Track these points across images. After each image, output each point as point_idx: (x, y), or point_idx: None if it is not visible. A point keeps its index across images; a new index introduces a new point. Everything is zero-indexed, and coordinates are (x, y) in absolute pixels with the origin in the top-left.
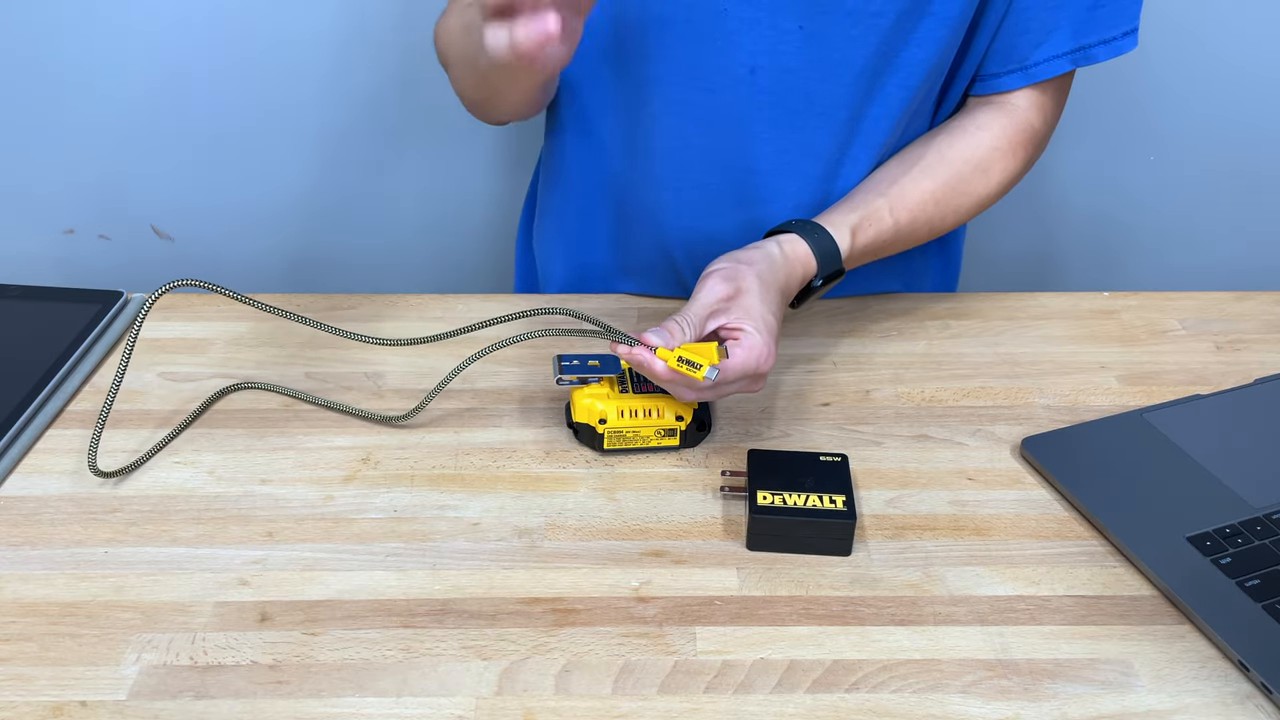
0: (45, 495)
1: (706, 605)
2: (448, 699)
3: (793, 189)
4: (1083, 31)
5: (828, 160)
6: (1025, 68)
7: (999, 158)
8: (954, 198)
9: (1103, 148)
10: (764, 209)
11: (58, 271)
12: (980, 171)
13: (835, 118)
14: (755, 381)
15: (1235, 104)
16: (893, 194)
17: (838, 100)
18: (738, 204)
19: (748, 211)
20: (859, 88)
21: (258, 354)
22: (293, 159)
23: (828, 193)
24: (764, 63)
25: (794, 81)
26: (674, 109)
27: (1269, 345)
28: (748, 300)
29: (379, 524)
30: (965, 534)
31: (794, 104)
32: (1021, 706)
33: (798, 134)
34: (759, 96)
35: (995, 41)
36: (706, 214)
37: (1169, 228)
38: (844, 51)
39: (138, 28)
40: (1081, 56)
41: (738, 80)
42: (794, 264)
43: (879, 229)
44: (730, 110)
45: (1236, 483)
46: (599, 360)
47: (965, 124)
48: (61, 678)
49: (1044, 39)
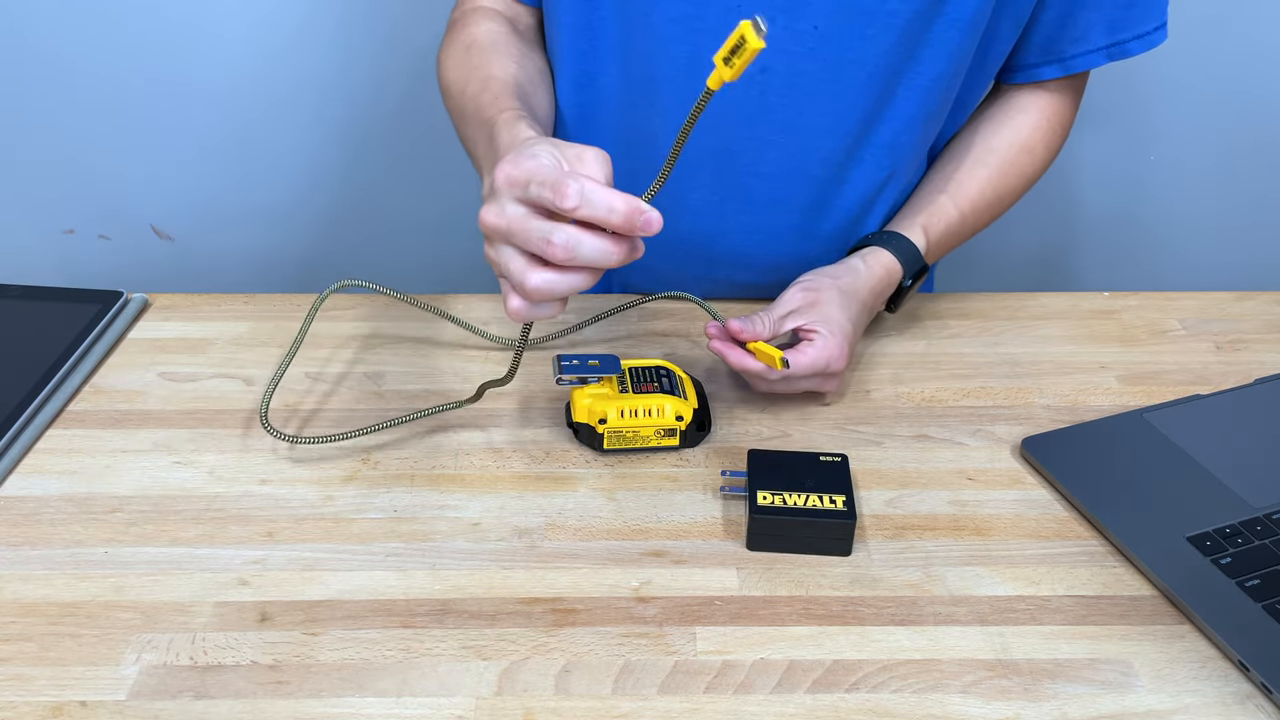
0: (45, 495)
1: (706, 605)
2: (448, 699)
3: (800, 192)
4: (1118, 27)
5: (836, 164)
6: (1062, 60)
7: (1041, 137)
8: (1007, 181)
9: (1104, 149)
10: (770, 213)
11: (58, 271)
12: (1026, 152)
13: (846, 121)
14: (827, 380)
15: (1237, 104)
16: (951, 188)
17: (850, 103)
18: (744, 209)
19: (754, 217)
20: (871, 90)
21: (258, 354)
22: (293, 159)
23: (834, 196)
24: (775, 64)
25: (805, 83)
26: (682, 110)
27: (1269, 345)
28: (825, 307)
29: (379, 524)
30: (965, 534)
31: (804, 106)
32: (1021, 706)
33: (807, 137)
34: (769, 98)
35: (1032, 34)
36: (714, 217)
37: (1170, 228)
38: (858, 51)
39: (138, 28)
40: (1117, 51)
41: (748, 81)
42: (877, 271)
43: (946, 222)
44: (739, 111)
45: (1236, 483)
46: (599, 360)
47: (1004, 110)
48: (61, 678)
49: (1082, 35)
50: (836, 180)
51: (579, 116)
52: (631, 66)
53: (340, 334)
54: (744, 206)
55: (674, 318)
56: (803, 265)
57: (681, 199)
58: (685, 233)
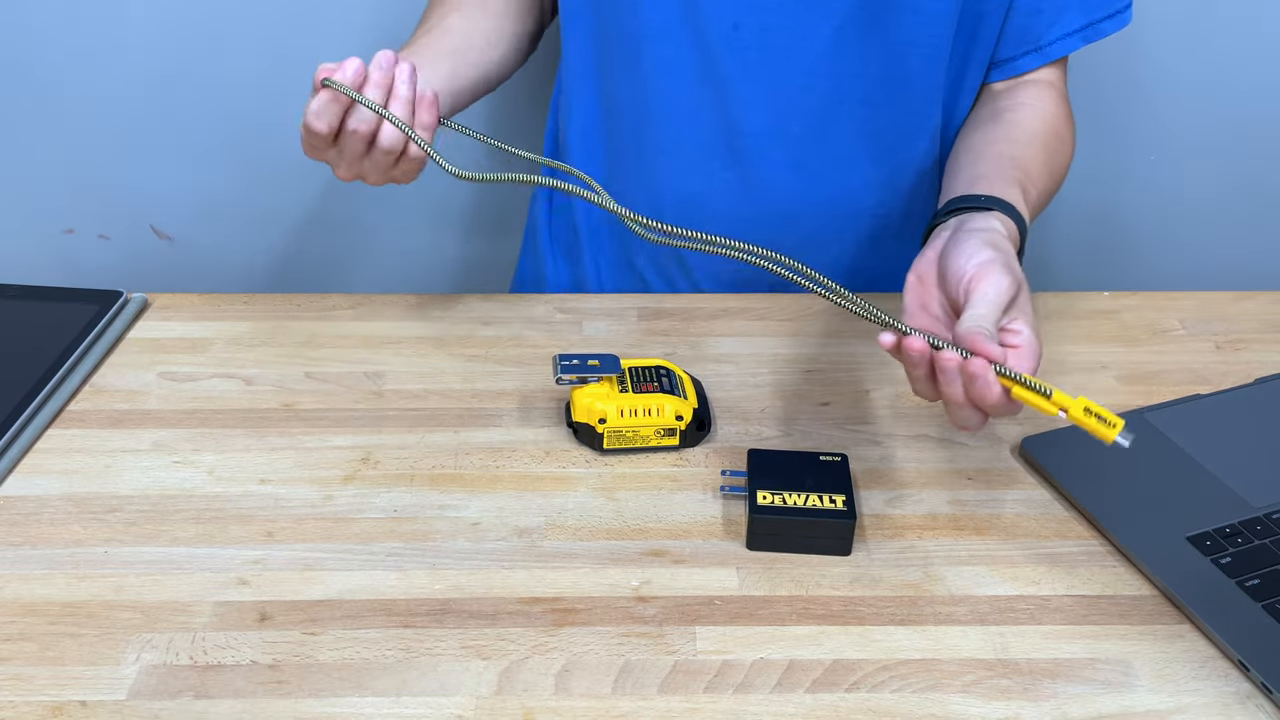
0: (45, 495)
1: (706, 605)
2: (447, 699)
3: (781, 150)
4: (1090, 7)
5: (814, 120)
6: (1040, 48)
7: (1063, 124)
8: (1053, 166)
9: (1104, 148)
10: (754, 171)
11: (58, 271)
12: (1058, 138)
13: (818, 78)
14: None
15: (1237, 104)
16: (1020, 167)
17: (819, 57)
18: (728, 164)
19: (738, 173)
20: (837, 47)
21: (258, 354)
22: (293, 159)
23: (817, 155)
24: (746, 19)
25: (774, 39)
26: (663, 68)
27: (1269, 345)
28: (1025, 293)
29: (379, 524)
30: (965, 534)
31: (777, 62)
32: (1021, 706)
33: (783, 92)
34: (745, 54)
35: (1008, 25)
36: (698, 175)
37: (1170, 228)
38: (822, 8)
39: (138, 27)
40: (1092, 32)
41: (722, 37)
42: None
43: (1026, 197)
44: (717, 69)
45: (1236, 483)
46: (599, 360)
47: (1015, 104)
48: (61, 677)
49: (1056, 18)
50: (817, 137)
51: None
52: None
53: (340, 334)
54: (727, 164)
55: (674, 318)
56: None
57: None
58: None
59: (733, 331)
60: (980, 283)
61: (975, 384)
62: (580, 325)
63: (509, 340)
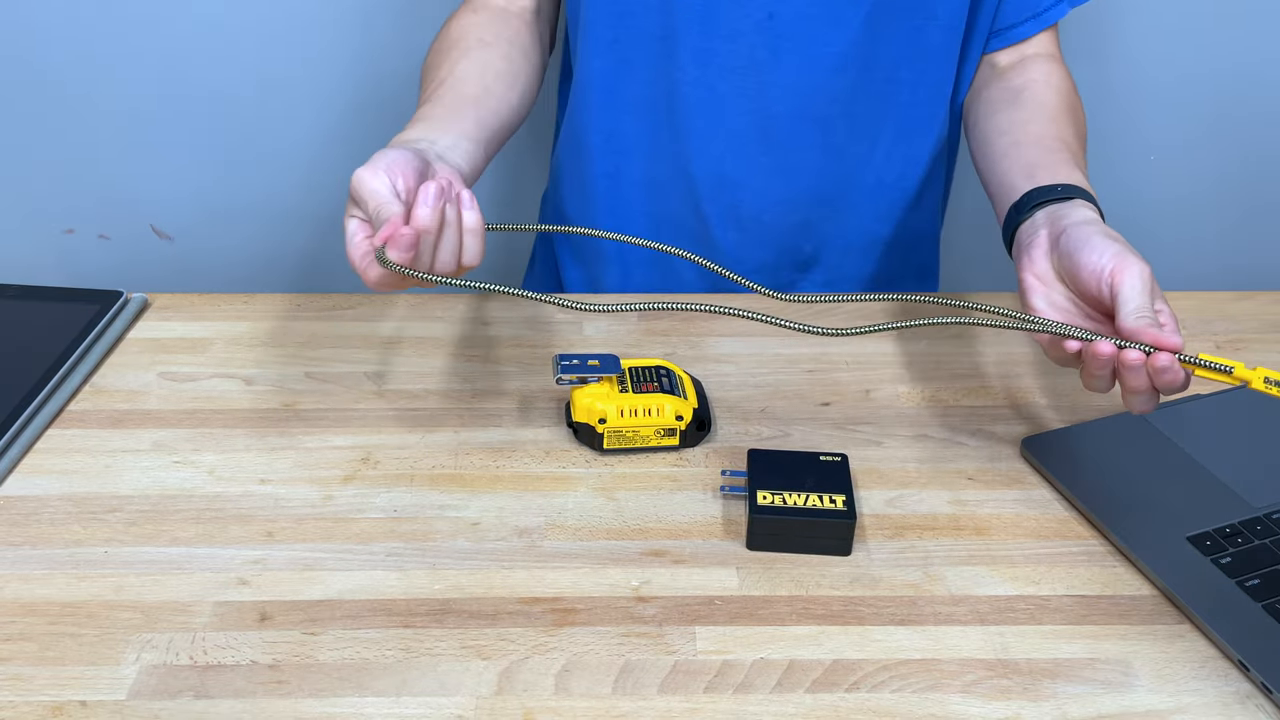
0: (45, 495)
1: (706, 605)
2: (447, 699)
3: (811, 131)
4: None
5: (843, 101)
6: (1037, 14)
7: (1075, 94)
8: (1082, 137)
9: (1104, 148)
10: (786, 153)
11: (58, 271)
12: (1073, 110)
13: (850, 60)
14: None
15: (1237, 104)
16: (1067, 148)
17: (852, 41)
18: (763, 149)
19: (772, 156)
20: (870, 29)
21: (258, 354)
22: (293, 159)
23: (845, 134)
24: (780, 8)
25: (809, 27)
26: (698, 59)
27: (1269, 345)
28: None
29: (379, 524)
30: (965, 534)
31: (811, 50)
32: (1021, 706)
33: (814, 76)
34: (778, 43)
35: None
36: (732, 159)
37: (1169, 228)
38: None
39: (138, 28)
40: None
41: (757, 26)
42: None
43: (1085, 175)
44: (751, 57)
45: (1236, 483)
46: (598, 360)
47: (1029, 82)
48: (61, 677)
49: None
50: (848, 117)
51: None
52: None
53: (340, 334)
54: (763, 150)
55: (674, 317)
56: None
57: (702, 147)
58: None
59: (733, 331)
60: (1123, 275)
61: (1163, 375)
62: (580, 325)
63: (509, 340)
